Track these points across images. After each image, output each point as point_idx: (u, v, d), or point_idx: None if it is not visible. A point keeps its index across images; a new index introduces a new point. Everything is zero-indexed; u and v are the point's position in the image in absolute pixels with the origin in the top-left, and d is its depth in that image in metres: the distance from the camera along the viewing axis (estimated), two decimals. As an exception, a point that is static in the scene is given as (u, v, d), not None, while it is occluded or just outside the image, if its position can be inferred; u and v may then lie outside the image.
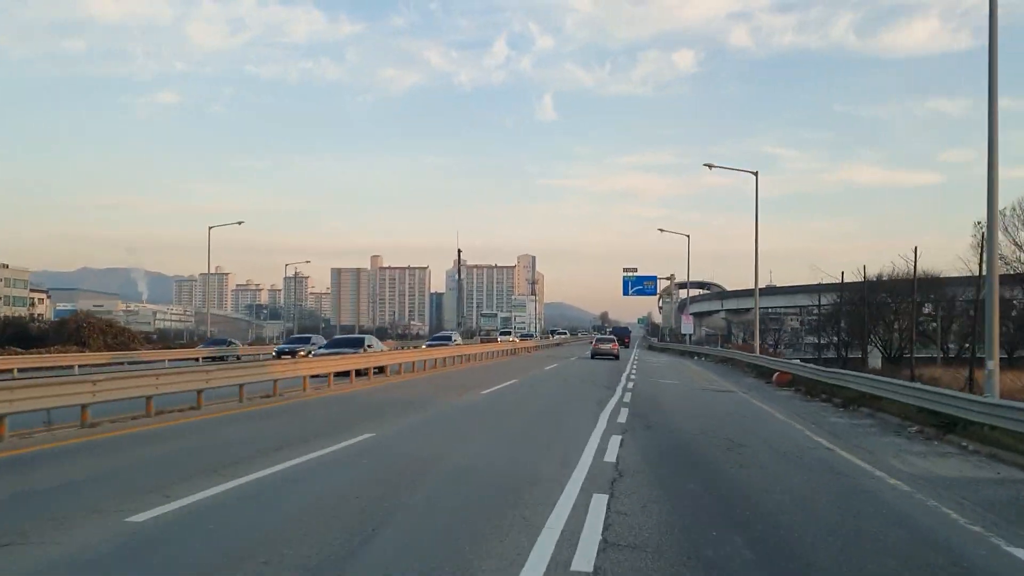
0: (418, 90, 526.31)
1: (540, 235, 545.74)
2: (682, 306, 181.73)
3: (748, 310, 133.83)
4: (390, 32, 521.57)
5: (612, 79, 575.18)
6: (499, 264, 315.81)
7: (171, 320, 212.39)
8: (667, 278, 67.34)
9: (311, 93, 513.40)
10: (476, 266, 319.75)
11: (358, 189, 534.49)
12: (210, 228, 56.18)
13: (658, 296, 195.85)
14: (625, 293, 68.30)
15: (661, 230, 54.10)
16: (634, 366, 37.20)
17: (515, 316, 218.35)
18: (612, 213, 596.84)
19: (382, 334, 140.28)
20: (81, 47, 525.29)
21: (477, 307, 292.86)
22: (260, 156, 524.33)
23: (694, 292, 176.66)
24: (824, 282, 63.64)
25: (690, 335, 59.79)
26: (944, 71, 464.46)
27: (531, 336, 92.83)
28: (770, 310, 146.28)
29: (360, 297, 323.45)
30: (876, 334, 56.80)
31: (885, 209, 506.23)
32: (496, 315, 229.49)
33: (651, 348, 77.32)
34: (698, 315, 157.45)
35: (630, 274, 68.79)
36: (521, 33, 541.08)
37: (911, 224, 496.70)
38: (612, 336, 56.49)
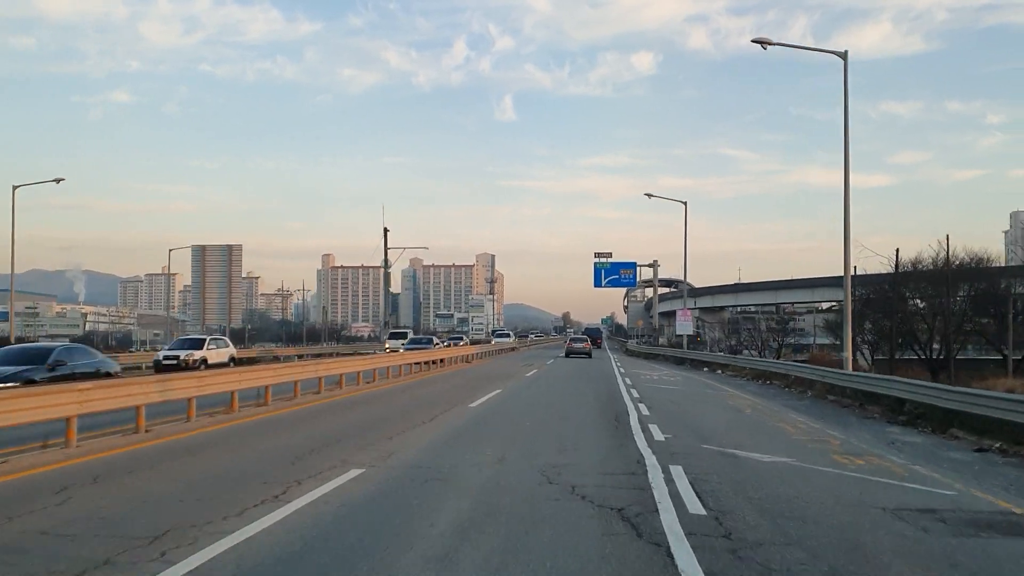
0: (377, 90, 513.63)
1: (500, 236, 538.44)
2: (649, 305, 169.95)
3: (724, 308, 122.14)
4: (348, 32, 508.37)
5: (572, 80, 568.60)
6: (457, 263, 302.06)
7: (106, 322, 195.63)
8: (649, 264, 54.66)
9: (268, 93, 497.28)
10: (433, 265, 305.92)
11: (316, 189, 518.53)
12: (14, 188, 41.32)
13: (627, 292, 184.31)
14: (597, 284, 53.89)
15: (649, 195, 42.45)
16: (635, 398, 19.70)
17: (472, 316, 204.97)
18: (572, 214, 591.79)
19: (314, 336, 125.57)
20: (31, 45, 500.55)
21: (435, 307, 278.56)
22: (216, 156, 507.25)
23: (662, 290, 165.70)
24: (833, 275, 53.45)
25: (689, 336, 46.71)
26: (896, 74, 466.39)
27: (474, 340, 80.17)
28: (752, 308, 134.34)
29: (321, 299, 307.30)
30: (914, 334, 44.67)
31: (838, 210, 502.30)
32: (452, 315, 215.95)
33: (629, 353, 62.15)
34: (666, 315, 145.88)
35: (603, 261, 53.83)
36: (480, 34, 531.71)
37: (864, 225, 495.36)
38: (585, 336, 62.10)
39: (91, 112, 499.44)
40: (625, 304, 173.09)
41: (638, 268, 55.84)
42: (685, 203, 42.34)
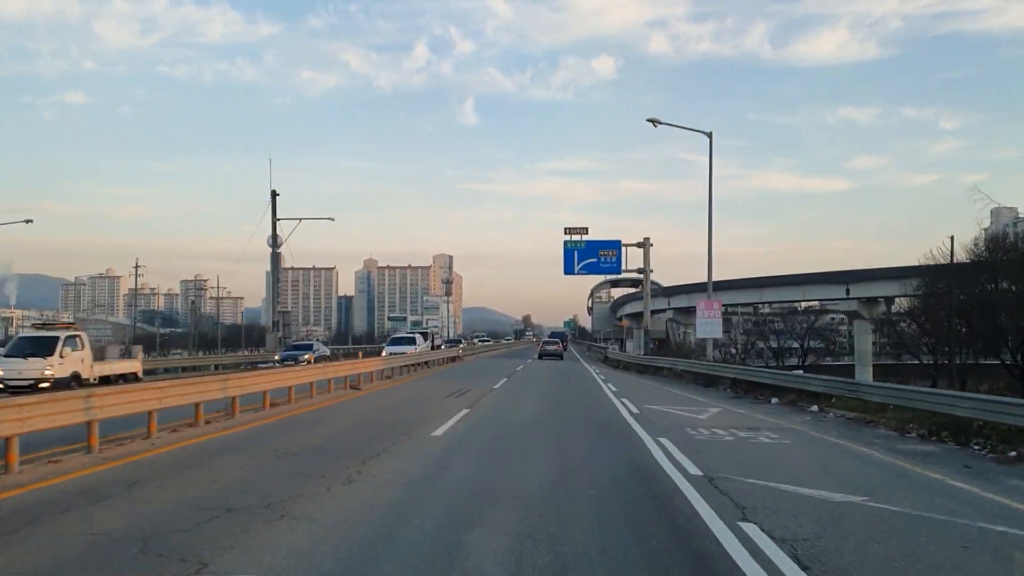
0: (337, 93, 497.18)
1: (461, 240, 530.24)
2: (614, 307, 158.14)
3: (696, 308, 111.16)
4: (308, 34, 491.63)
5: (533, 84, 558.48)
6: (413, 264, 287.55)
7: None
8: (638, 243, 41.24)
9: (227, 94, 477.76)
10: (388, 267, 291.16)
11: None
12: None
13: (591, 292, 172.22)
14: (568, 270, 41.09)
15: (655, 122, 29.31)
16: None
17: (427, 319, 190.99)
18: (533, 218, 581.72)
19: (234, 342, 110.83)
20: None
21: (390, 310, 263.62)
22: (173, 158, 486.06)
23: (628, 290, 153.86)
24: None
25: (714, 341, 33.83)
26: (853, 80, 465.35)
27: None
28: (737, 307, 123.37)
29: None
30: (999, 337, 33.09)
31: (798, 214, 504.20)
32: (406, 318, 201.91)
33: (610, 363, 45.55)
34: (634, 316, 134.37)
35: (576, 240, 40.82)
36: (441, 37, 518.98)
37: (824, 229, 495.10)
38: (556, 340, 66.36)
39: (44, 113, 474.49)
40: (590, 305, 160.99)
41: (624, 250, 42.39)
42: (710, 134, 28.99)
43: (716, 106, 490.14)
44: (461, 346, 58.89)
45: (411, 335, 51.17)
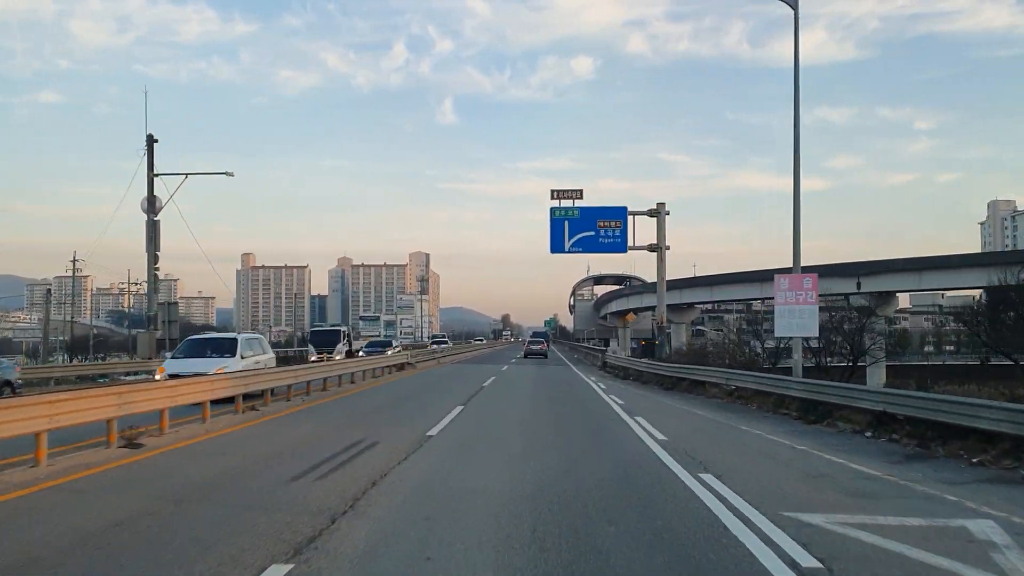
0: (315, 92, 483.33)
1: (440, 239, 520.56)
2: (598, 305, 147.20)
3: (692, 306, 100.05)
4: (286, 32, 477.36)
5: (512, 84, 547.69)
6: (389, 263, 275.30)
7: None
8: (650, 211, 29.00)
9: (203, 94, 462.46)
10: (363, 265, 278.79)
11: (251, 193, 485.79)
12: None
13: (574, 289, 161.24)
14: (557, 247, 30.37)
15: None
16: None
17: (401, 319, 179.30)
18: (513, 218, 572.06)
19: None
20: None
21: (364, 309, 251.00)
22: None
23: (612, 287, 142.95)
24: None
25: (813, 340, 20.12)
26: (830, 81, 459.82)
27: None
28: (733, 304, 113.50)
29: (239, 300, 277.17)
30: None
31: (775, 214, 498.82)
32: (379, 318, 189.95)
33: (612, 371, 32.97)
34: (617, 314, 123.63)
35: (568, 208, 29.86)
36: (420, 36, 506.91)
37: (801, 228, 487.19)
38: (541, 339, 68.23)
39: (16, 112, 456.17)
40: (571, 303, 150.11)
41: (631, 220, 30.63)
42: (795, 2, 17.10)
43: (694, 106, 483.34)
44: (397, 349, 44.55)
45: (335, 328, 43.44)
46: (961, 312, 40.79)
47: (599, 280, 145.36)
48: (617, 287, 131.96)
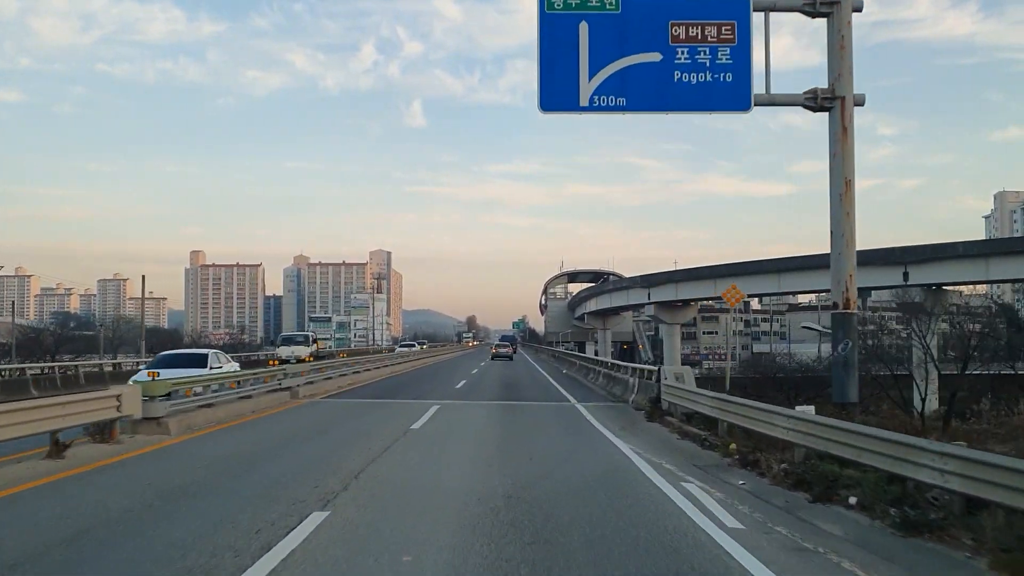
0: (282, 93, 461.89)
1: (408, 243, 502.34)
2: (573, 304, 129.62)
3: (689, 303, 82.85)
4: (253, 33, 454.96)
5: (482, 87, 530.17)
6: (348, 261, 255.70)
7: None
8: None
9: (169, 94, 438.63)
10: (320, 264, 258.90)
11: (217, 194, 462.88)
12: None
13: (545, 287, 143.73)
14: (560, 97, 12.91)
15: None
16: None
17: (355, 320, 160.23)
18: (481, 221, 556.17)
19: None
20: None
21: (322, 310, 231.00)
22: (113, 159, 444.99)
23: (587, 285, 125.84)
24: None
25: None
26: (796, 85, 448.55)
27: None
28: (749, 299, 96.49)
29: (187, 301, 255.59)
30: None
31: (739, 219, 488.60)
32: (331, 319, 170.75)
33: (672, 421, 14.44)
34: (597, 315, 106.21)
35: None
36: (389, 38, 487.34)
37: (765, 232, 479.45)
38: (507, 343, 73.55)
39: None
40: (543, 302, 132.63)
41: (761, 26, 12.97)
42: None
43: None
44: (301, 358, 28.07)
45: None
46: None
47: (573, 277, 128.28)
48: (592, 284, 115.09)
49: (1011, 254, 42.91)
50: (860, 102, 13.49)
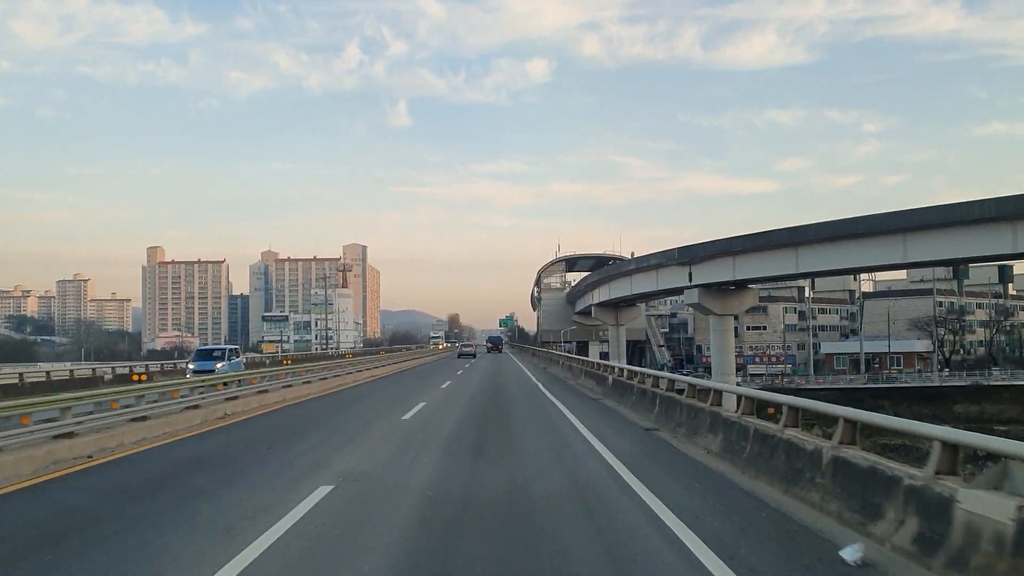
0: (266, 94, 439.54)
1: (392, 243, 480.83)
2: (574, 295, 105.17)
3: (747, 285, 59.03)
4: (236, 34, 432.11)
5: (467, 86, 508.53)
6: (320, 256, 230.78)
7: None
8: None
9: (151, 96, 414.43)
10: (290, 259, 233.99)
11: (200, 196, 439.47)
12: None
13: (538, 276, 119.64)
14: None
15: None
16: None
17: (315, 319, 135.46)
18: (466, 220, 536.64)
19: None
20: None
21: (292, 310, 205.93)
22: (95, 162, 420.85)
23: (585, 273, 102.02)
24: None
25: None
26: (780, 83, 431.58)
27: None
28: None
29: (145, 300, 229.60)
30: None
31: (723, 216, 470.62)
32: (287, 317, 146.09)
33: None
34: (609, 306, 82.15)
35: None
36: (373, 38, 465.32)
37: (751, 229, 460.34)
38: (491, 343, 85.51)
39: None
40: (535, 295, 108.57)
41: None
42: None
43: (647, 108, 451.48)
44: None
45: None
46: None
47: (572, 264, 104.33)
48: (589, 272, 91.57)
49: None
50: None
